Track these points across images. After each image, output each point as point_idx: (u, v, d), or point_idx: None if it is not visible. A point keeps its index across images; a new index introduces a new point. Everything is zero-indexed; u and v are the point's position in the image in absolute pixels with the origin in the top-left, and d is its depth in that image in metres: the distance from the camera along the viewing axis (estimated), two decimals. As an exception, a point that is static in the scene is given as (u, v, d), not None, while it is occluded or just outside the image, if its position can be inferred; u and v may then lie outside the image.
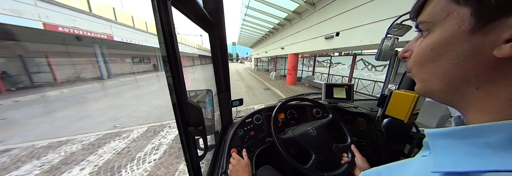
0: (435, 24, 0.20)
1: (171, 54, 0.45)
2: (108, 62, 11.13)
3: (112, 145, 2.78)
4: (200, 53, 29.89)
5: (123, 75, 13.17)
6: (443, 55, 0.20)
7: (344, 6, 4.37)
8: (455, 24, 0.18)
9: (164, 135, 3.14)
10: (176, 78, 0.47)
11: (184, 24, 4.03)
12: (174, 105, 0.49)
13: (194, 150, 0.58)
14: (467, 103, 0.20)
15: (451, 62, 0.19)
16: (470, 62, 0.18)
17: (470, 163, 0.17)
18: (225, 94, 1.07)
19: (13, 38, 6.64)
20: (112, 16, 9.70)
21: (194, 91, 0.72)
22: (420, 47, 0.23)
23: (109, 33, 9.45)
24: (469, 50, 0.18)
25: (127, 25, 10.91)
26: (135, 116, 4.11)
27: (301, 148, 0.80)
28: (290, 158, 0.70)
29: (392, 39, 0.88)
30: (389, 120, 1.05)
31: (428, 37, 0.22)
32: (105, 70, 10.74)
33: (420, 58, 0.23)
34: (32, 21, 5.92)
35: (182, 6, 0.58)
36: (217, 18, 0.87)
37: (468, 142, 0.18)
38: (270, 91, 7.71)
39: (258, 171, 0.80)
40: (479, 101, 0.19)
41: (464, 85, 0.19)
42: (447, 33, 0.19)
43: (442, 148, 0.20)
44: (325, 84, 1.19)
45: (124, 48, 13.09)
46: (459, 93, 0.20)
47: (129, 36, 10.98)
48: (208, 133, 0.65)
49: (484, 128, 0.18)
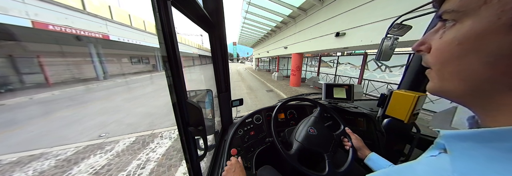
0: (466, 14, 0.17)
1: (171, 54, 0.45)
2: (104, 62, 10.57)
3: (91, 162, 2.31)
4: (200, 53, 29.52)
5: (121, 75, 12.61)
6: (473, 52, 0.17)
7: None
8: (493, 16, 0.15)
9: (154, 147, 2.69)
10: (176, 78, 0.48)
11: (184, 24, 3.99)
12: (174, 105, 0.50)
13: (194, 150, 0.58)
14: (492, 104, 0.18)
15: (482, 61, 0.16)
16: (507, 62, 0.15)
17: (492, 169, 0.16)
18: (225, 94, 1.07)
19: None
20: (108, 15, 9.18)
21: (194, 91, 0.72)
22: (444, 41, 0.19)
23: (105, 32, 8.89)
24: (507, 49, 0.15)
25: (124, 24, 10.41)
26: (125, 123, 3.68)
27: (311, 152, 0.77)
28: (308, 171, 0.66)
29: (392, 39, 0.88)
30: (389, 120, 1.04)
31: (454, 28, 0.18)
32: (101, 70, 10.23)
33: (444, 53, 0.20)
34: (20, 19, 5.58)
35: (182, 6, 0.58)
36: (217, 18, 0.87)
37: (491, 146, 0.17)
38: (273, 93, 7.29)
39: (258, 171, 0.80)
40: (509, 104, 0.17)
41: (494, 86, 0.17)
42: (481, 25, 0.16)
43: (461, 151, 0.19)
44: (325, 84, 1.20)
45: (122, 48, 12.55)
46: (485, 94, 0.18)
47: (126, 35, 10.50)
48: (208, 133, 0.66)
49: (507, 131, 0.16)
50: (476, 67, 0.17)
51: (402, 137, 1.07)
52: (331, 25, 4.98)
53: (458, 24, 0.18)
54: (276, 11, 7.30)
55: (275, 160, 0.97)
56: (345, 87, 1.15)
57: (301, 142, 0.78)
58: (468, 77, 0.18)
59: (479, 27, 0.16)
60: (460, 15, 0.18)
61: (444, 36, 0.19)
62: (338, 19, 4.68)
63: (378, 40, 3.36)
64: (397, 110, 0.87)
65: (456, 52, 0.18)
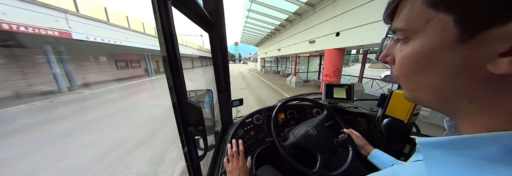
0: (415, 32, 0.18)
1: (172, 54, 0.46)
2: (68, 68, 7.38)
3: None
4: (200, 54, 29.15)
5: (97, 84, 9.20)
6: (430, 66, 0.18)
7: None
8: (437, 34, 0.16)
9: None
10: (176, 78, 0.48)
11: (185, 24, 2.91)
12: (174, 105, 0.50)
13: (194, 150, 0.59)
14: (459, 113, 0.19)
15: (439, 75, 0.17)
16: (462, 75, 0.16)
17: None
18: (225, 94, 1.07)
19: None
20: (69, 5, 6.50)
21: (194, 91, 0.72)
22: (403, 56, 0.20)
23: (64, 29, 6.23)
24: (459, 63, 0.15)
25: (97, 19, 7.80)
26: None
27: (306, 150, 0.79)
28: (297, 164, 0.69)
29: (391, 39, 0.69)
30: (389, 120, 1.04)
31: (409, 45, 0.19)
32: (65, 79, 7.21)
33: (405, 68, 0.21)
34: None
35: (182, 6, 0.58)
36: (217, 18, 0.87)
37: (463, 153, 0.17)
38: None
39: (258, 171, 0.81)
40: (472, 114, 0.17)
41: (457, 98, 0.18)
42: (429, 43, 0.17)
43: (436, 159, 0.19)
44: (326, 84, 1.19)
45: (97, 50, 9.59)
46: (451, 105, 0.19)
47: (102, 34, 7.95)
48: (208, 133, 0.66)
49: (479, 139, 0.16)
50: (436, 80, 0.18)
51: (402, 137, 1.07)
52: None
53: (410, 41, 0.19)
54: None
55: (275, 160, 0.97)
56: (345, 87, 1.15)
57: (297, 138, 0.79)
58: (431, 89, 0.19)
59: (429, 45, 0.17)
60: (409, 33, 0.19)
61: (403, 50, 0.20)
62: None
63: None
64: (397, 110, 0.87)
65: (415, 68, 0.19)
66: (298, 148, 0.80)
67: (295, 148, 0.79)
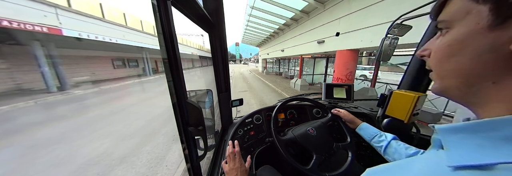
0: (455, 22, 0.21)
1: (171, 54, 0.45)
2: (58, 67, 6.84)
3: None
4: (201, 54, 29.00)
5: (90, 83, 8.89)
6: (460, 50, 0.20)
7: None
8: (474, 21, 0.19)
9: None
10: (176, 78, 0.48)
11: (184, 24, 3.03)
12: (174, 105, 0.50)
13: (194, 150, 0.59)
14: (482, 98, 0.21)
15: (468, 58, 0.20)
16: (487, 57, 0.18)
17: (482, 156, 0.17)
18: (225, 94, 1.07)
19: None
20: (60, 0, 5.95)
21: (194, 91, 0.72)
22: (439, 45, 0.23)
23: (54, 24, 5.77)
24: (486, 46, 0.18)
25: (93, 15, 7.40)
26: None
27: (302, 149, 0.79)
28: (291, 159, 0.70)
29: (390, 39, 0.89)
30: (389, 120, 1.05)
31: (447, 34, 0.22)
32: (55, 79, 6.60)
33: (439, 55, 0.23)
34: None
35: (182, 6, 0.58)
36: (217, 18, 0.87)
37: (481, 135, 0.19)
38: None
39: (258, 171, 0.81)
40: (495, 96, 0.19)
41: (481, 81, 0.20)
42: (465, 29, 0.20)
43: (454, 142, 0.21)
44: (325, 84, 1.19)
45: (93, 48, 9.17)
46: (475, 89, 0.21)
47: (96, 31, 7.46)
48: (208, 133, 0.67)
49: (499, 121, 0.18)
50: (465, 64, 0.20)
51: (402, 137, 1.07)
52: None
53: (450, 31, 0.22)
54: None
55: (275, 160, 0.97)
56: (345, 87, 1.16)
57: (295, 135, 0.80)
58: (460, 74, 0.21)
59: (464, 31, 0.20)
60: (450, 24, 0.22)
61: (440, 39, 0.23)
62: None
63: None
64: (397, 110, 0.87)
65: (448, 52, 0.22)
66: (295, 146, 0.80)
67: (292, 145, 0.79)
